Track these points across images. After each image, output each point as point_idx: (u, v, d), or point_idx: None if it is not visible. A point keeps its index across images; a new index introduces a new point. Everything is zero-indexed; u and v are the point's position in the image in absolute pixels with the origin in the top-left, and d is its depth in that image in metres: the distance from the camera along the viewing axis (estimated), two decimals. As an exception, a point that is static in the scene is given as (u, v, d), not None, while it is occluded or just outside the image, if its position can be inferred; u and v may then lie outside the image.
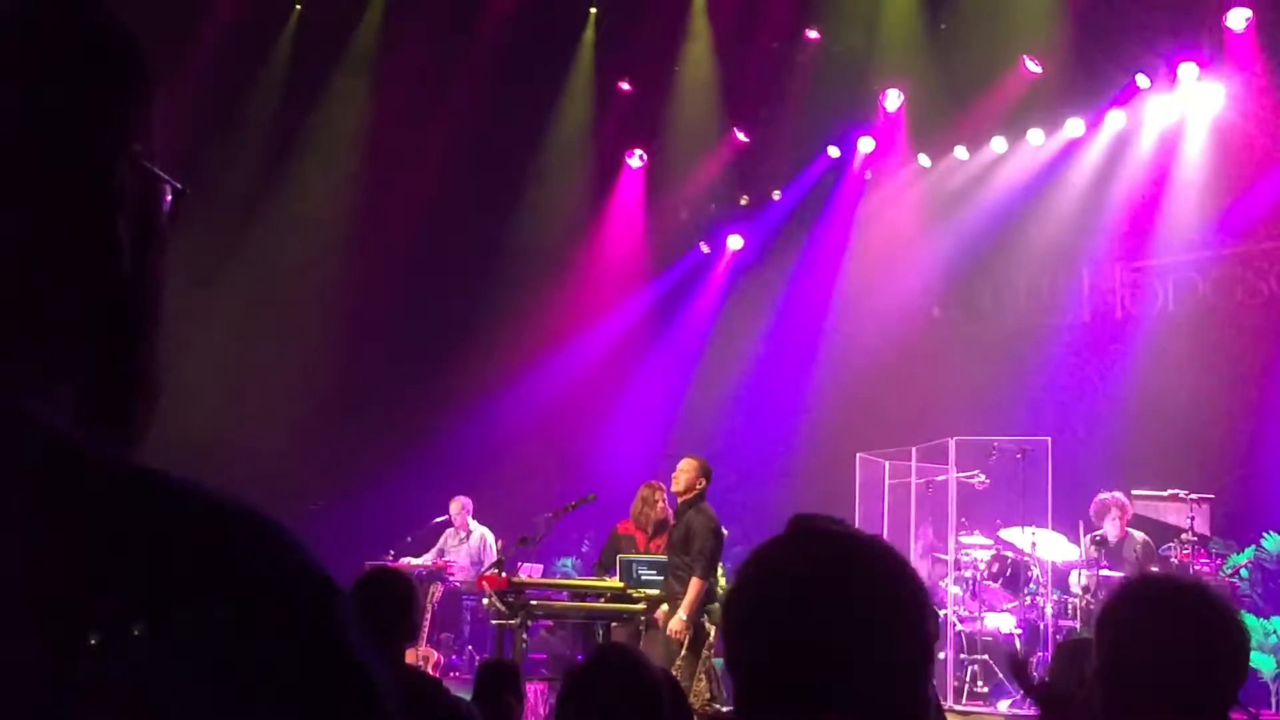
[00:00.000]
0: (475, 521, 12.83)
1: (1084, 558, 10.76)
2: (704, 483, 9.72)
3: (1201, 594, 2.54)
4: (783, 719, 1.67)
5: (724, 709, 8.19)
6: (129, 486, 0.85)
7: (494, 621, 9.64)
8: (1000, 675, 10.65)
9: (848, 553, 1.72)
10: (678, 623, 9.15)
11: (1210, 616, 2.47)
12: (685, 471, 9.73)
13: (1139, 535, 10.74)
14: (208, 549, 0.83)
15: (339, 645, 0.86)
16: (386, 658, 4.77)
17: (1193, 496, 10.51)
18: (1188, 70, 12.81)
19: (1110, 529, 10.72)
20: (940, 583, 11.49)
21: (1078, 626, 10.22)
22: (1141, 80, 13.11)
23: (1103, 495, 10.83)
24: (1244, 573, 10.98)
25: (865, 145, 15.12)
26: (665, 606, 9.44)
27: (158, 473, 0.87)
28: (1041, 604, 10.83)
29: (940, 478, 11.86)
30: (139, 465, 0.87)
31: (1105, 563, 10.47)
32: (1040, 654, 10.17)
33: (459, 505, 12.87)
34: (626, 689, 3.88)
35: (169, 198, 1.00)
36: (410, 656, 8.54)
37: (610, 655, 4.32)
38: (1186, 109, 13.11)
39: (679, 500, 9.79)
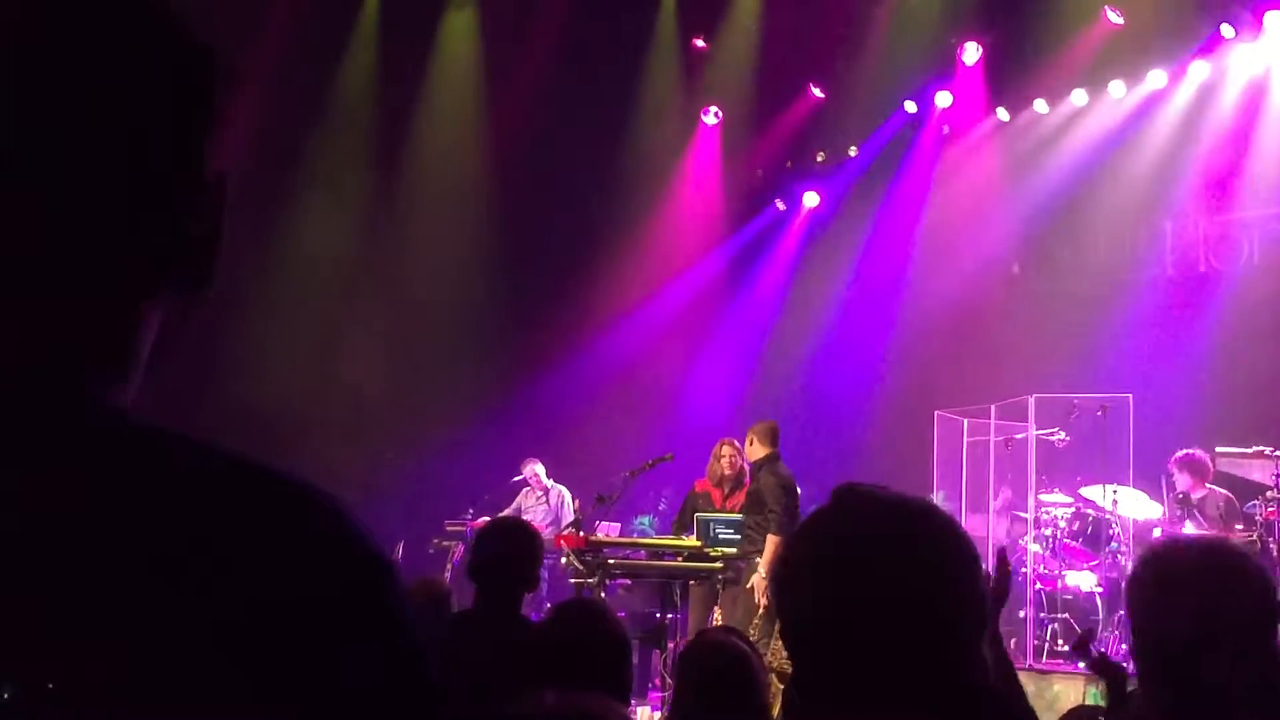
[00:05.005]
0: (552, 480, 12.89)
1: (1167, 515, 10.66)
2: (771, 447, 9.87)
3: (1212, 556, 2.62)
4: (837, 674, 1.72)
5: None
6: (178, 470, 0.90)
7: (572, 580, 9.74)
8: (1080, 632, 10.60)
9: (895, 512, 1.79)
10: (759, 579, 9.21)
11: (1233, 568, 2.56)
12: (750, 442, 9.97)
13: (1221, 492, 10.62)
14: (247, 532, 0.87)
15: (387, 623, 0.90)
16: (507, 603, 4.99)
17: (1278, 453, 10.34)
18: (1274, 19, 12.50)
19: (1188, 485, 10.62)
20: (1020, 541, 11.42)
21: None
22: (1226, 30, 12.82)
23: (1181, 454, 10.72)
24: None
25: (943, 100, 14.91)
26: (752, 564, 9.54)
27: (204, 452, 0.91)
28: (1123, 562, 10.74)
29: (1020, 435, 11.76)
30: (189, 445, 0.91)
31: (1189, 520, 10.36)
32: (1120, 614, 10.10)
33: (530, 468, 12.89)
34: (587, 642, 3.88)
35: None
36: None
37: (570, 609, 4.36)
38: (1273, 58, 12.83)
39: (752, 464, 9.96)
